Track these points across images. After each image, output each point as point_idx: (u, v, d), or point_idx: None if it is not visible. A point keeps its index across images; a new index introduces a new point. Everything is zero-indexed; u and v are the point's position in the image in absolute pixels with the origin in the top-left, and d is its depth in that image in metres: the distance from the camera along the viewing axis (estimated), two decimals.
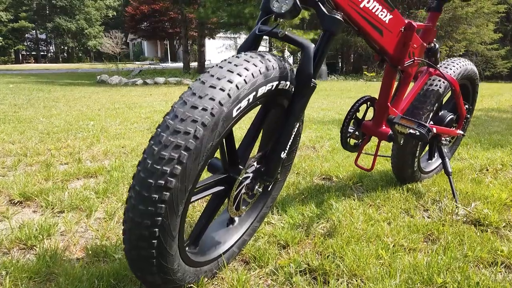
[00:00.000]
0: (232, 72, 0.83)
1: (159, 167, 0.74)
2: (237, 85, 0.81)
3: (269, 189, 1.21)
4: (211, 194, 0.98)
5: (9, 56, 37.99)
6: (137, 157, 2.43)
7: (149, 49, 36.63)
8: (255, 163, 1.03)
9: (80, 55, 41.49)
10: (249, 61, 0.87)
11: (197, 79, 0.83)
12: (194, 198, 0.91)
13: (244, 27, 10.98)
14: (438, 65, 1.76)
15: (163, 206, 0.75)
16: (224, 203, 1.07)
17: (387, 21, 1.24)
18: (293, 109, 0.99)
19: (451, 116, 1.83)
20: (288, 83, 0.98)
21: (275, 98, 1.00)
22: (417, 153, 1.79)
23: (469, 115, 1.92)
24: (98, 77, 11.22)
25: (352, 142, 1.62)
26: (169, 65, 25.04)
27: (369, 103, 1.57)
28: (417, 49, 1.45)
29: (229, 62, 0.85)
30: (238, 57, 0.88)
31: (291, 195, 1.77)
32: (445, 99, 1.85)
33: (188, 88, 0.81)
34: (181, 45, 16.65)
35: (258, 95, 0.87)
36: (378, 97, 1.53)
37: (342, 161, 2.34)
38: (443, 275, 1.09)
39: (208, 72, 0.84)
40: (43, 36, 39.77)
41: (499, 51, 15.69)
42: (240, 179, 1.00)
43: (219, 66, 0.85)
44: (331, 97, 7.13)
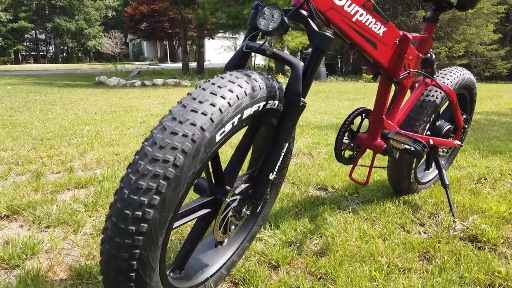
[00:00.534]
0: (216, 94, 0.79)
1: (136, 197, 0.70)
2: (220, 109, 0.77)
3: (258, 210, 1.17)
4: (196, 217, 0.94)
5: (8, 57, 37.94)
6: None
7: (149, 49, 36.59)
8: (243, 184, 0.99)
9: (79, 55, 41.45)
10: (234, 82, 0.83)
11: (179, 102, 0.79)
12: (177, 224, 0.87)
13: (243, 28, 10.95)
14: (435, 75, 1.73)
15: (141, 238, 0.71)
16: (212, 225, 1.03)
17: (381, 34, 1.21)
18: (282, 129, 0.95)
19: (449, 126, 1.80)
20: (277, 102, 0.94)
21: (263, 118, 0.96)
22: (414, 164, 1.75)
23: (466, 125, 1.88)
24: (97, 78, 11.18)
25: (346, 154, 1.58)
26: (169, 65, 25.00)
27: (363, 115, 1.53)
28: (412, 60, 1.42)
29: (213, 84, 0.81)
30: (223, 77, 0.84)
31: (285, 207, 1.73)
32: (442, 108, 1.81)
33: (169, 112, 0.78)
34: (180, 46, 16.60)
35: (243, 117, 0.84)
36: (373, 109, 1.49)
37: (339, 170, 2.30)
38: None
39: (190, 94, 0.80)
40: (42, 36, 39.73)
41: (498, 51, 15.63)
42: (228, 201, 0.96)
43: (202, 87, 0.81)
44: (329, 99, 7.09)
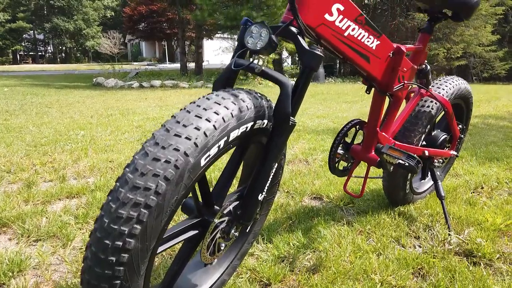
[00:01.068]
0: (200, 117, 0.76)
1: (116, 227, 0.67)
2: (205, 132, 0.75)
3: (248, 229, 1.15)
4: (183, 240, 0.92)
5: (6, 57, 37.87)
6: None
7: (147, 49, 36.55)
8: (231, 205, 0.97)
9: (78, 55, 41.39)
10: (220, 103, 0.80)
11: (162, 126, 0.76)
12: (162, 248, 0.85)
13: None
14: (431, 85, 1.70)
15: (121, 268, 0.68)
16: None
17: (374, 47, 1.18)
18: (271, 148, 0.93)
19: (445, 136, 1.77)
20: (266, 121, 0.92)
21: (252, 138, 0.93)
22: (409, 175, 1.73)
23: (462, 135, 1.86)
24: (94, 79, 11.14)
25: (341, 166, 1.56)
26: (167, 66, 24.97)
27: (358, 126, 1.51)
28: (407, 72, 1.39)
29: (198, 106, 0.79)
30: (209, 98, 0.81)
31: (279, 219, 1.70)
32: (438, 118, 1.79)
33: (152, 135, 0.75)
34: (179, 47, 16.57)
35: (230, 140, 0.81)
36: (367, 120, 1.47)
37: (334, 178, 2.28)
38: None
39: (174, 117, 0.77)
40: (41, 37, 39.69)
41: (497, 52, 15.65)
42: (216, 222, 0.94)
43: (187, 110, 0.78)
44: (327, 101, 7.06)
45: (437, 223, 1.66)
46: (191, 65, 14.99)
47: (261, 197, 0.95)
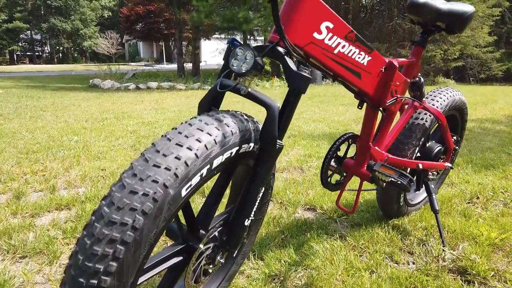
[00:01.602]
0: (181, 145, 0.73)
1: (91, 264, 0.64)
2: (186, 162, 0.72)
3: (235, 254, 1.12)
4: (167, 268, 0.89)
5: (3, 57, 37.68)
6: None
7: (145, 49, 36.45)
8: (217, 231, 0.94)
9: (75, 55, 41.24)
10: (202, 130, 0.77)
11: (141, 154, 0.73)
12: (144, 278, 0.82)
13: (239, 28, 10.86)
14: (425, 96, 1.68)
15: None
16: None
17: (365, 64, 1.16)
18: (258, 173, 0.90)
19: (439, 148, 1.75)
20: (252, 144, 0.89)
21: (237, 162, 0.90)
22: None
23: (457, 147, 1.83)
24: (91, 81, 11.07)
25: (333, 180, 1.53)
26: (164, 66, 24.91)
27: (350, 140, 1.49)
28: (400, 86, 1.37)
29: (179, 132, 0.76)
30: (191, 124, 0.78)
31: (271, 234, 1.68)
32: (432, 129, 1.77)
33: (130, 165, 0.72)
34: (176, 48, 16.51)
35: (213, 167, 0.78)
36: (360, 134, 1.44)
37: None
38: None
39: (154, 145, 0.74)
40: (38, 37, 39.51)
41: (494, 53, 15.66)
42: (201, 248, 0.91)
43: (167, 137, 0.75)
44: (324, 104, 7.04)
45: (432, 237, 1.64)
46: (189, 66, 14.93)
47: (247, 222, 0.92)
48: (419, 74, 1.50)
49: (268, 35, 11.71)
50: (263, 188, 0.92)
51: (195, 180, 0.74)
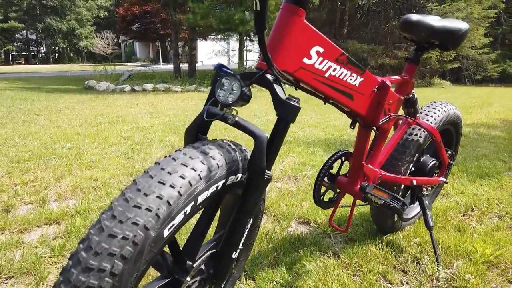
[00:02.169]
0: (164, 183, 0.70)
1: None
2: (168, 201, 0.69)
3: (223, 285, 1.09)
4: None
5: None
6: (106, 195, 2.29)
7: (141, 49, 36.32)
8: (204, 263, 0.91)
9: (71, 55, 41.05)
10: (186, 165, 0.74)
11: (122, 193, 0.70)
12: None
13: (235, 30, 10.82)
14: (419, 111, 1.66)
15: None
16: None
17: (357, 85, 1.13)
18: (246, 204, 0.87)
19: (433, 162, 1.73)
20: (240, 175, 0.87)
21: (224, 193, 0.88)
22: None
23: (452, 161, 1.82)
24: (86, 82, 11.00)
25: (326, 198, 1.51)
26: (161, 66, 24.82)
27: (343, 158, 1.46)
28: (393, 104, 1.35)
29: (162, 169, 0.73)
30: (175, 158, 0.76)
31: (263, 251, 1.65)
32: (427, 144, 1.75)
33: (110, 205, 0.69)
34: (172, 48, 16.44)
35: (198, 203, 0.76)
36: (353, 152, 1.42)
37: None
38: None
39: (135, 183, 0.71)
40: (33, 37, 39.31)
41: (489, 55, 15.70)
42: (188, 281, 0.88)
43: (150, 174, 0.72)
44: (320, 106, 7.02)
45: (426, 254, 1.62)
46: (185, 66, 14.86)
47: (235, 255, 0.89)
48: (413, 90, 1.47)
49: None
50: (251, 219, 0.89)
51: (179, 218, 0.72)
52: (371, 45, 14.49)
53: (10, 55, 39.32)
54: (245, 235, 0.89)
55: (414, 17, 1.31)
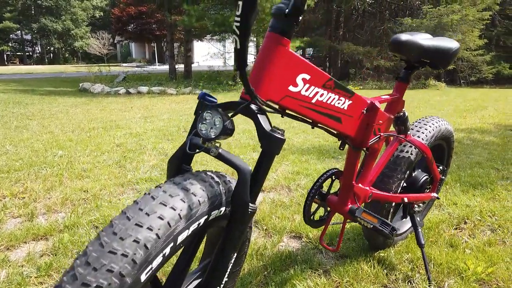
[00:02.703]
0: (141, 226, 0.68)
1: None
2: (146, 245, 0.67)
3: None
4: None
5: None
6: (96, 208, 2.26)
7: (137, 50, 36.22)
8: None
9: (66, 56, 40.82)
10: (166, 204, 0.72)
11: (97, 237, 0.68)
12: None
13: (230, 31, 10.78)
14: (410, 127, 1.65)
15: None
16: None
17: (346, 108, 1.11)
18: (230, 237, 0.85)
19: (425, 177, 1.72)
20: (223, 208, 0.84)
21: (207, 228, 0.86)
22: (389, 220, 1.67)
23: (443, 177, 1.80)
24: (81, 85, 10.92)
25: (317, 216, 1.49)
26: (157, 67, 24.76)
27: (334, 177, 1.45)
28: (383, 124, 1.33)
29: (140, 209, 0.71)
30: (154, 197, 0.73)
31: (253, 270, 1.63)
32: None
33: (84, 251, 0.67)
34: (167, 50, 16.39)
35: (178, 243, 0.73)
36: (343, 172, 1.40)
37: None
38: None
39: (111, 225, 0.69)
40: (28, 37, 39.03)
41: (484, 56, 15.77)
42: None
43: (127, 216, 0.70)
44: None
45: (417, 273, 1.61)
46: (181, 67, 14.81)
47: (221, 285, 0.87)
48: (403, 109, 1.46)
49: (259, 38, 11.63)
50: (236, 254, 0.87)
51: (157, 261, 0.69)
52: (367, 47, 14.51)
53: (5, 55, 39.05)
54: (230, 266, 0.87)
55: (404, 36, 1.30)
